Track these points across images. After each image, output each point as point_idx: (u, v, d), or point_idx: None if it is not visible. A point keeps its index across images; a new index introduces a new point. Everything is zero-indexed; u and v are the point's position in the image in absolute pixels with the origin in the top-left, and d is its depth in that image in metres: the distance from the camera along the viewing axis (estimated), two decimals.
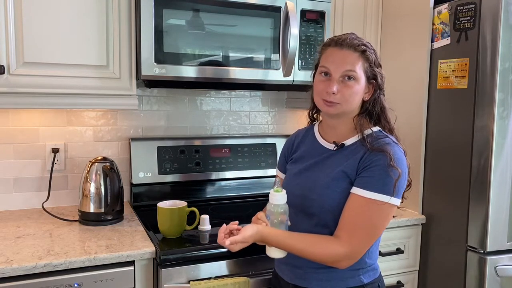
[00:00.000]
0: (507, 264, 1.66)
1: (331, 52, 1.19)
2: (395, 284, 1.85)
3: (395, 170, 1.10)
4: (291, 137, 1.41)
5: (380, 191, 1.11)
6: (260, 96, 2.20)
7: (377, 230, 1.15)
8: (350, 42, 1.17)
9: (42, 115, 1.82)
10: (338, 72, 1.16)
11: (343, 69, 1.15)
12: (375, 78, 1.19)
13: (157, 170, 1.91)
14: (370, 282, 1.21)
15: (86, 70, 1.56)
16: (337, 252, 1.12)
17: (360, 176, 1.14)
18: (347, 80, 1.16)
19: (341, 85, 1.16)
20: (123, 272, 1.36)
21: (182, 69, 1.60)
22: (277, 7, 1.71)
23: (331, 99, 1.16)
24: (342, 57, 1.16)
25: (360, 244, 1.13)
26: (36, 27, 1.48)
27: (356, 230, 1.12)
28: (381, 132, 1.20)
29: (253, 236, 1.12)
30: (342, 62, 1.16)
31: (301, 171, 1.27)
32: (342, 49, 1.17)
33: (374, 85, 1.20)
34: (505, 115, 1.60)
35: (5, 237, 1.46)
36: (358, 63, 1.16)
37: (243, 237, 1.10)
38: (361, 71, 1.16)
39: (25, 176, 1.81)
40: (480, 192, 1.64)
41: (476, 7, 1.63)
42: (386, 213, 1.13)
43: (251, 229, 1.12)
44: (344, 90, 1.16)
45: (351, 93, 1.16)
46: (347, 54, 1.16)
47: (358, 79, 1.16)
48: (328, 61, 1.18)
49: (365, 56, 1.17)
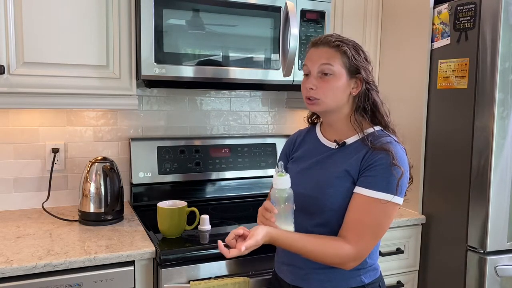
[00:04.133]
0: (507, 264, 1.66)
1: (310, 53, 1.23)
2: (395, 284, 1.85)
3: (398, 168, 1.10)
4: (293, 136, 1.41)
5: (384, 190, 1.11)
6: (260, 96, 2.20)
7: (382, 229, 1.15)
8: (325, 40, 1.20)
9: (42, 115, 1.82)
10: (314, 68, 1.19)
11: (319, 64, 1.18)
12: (358, 71, 1.18)
13: (157, 170, 1.91)
14: (371, 282, 1.21)
15: (86, 70, 1.56)
16: (346, 253, 1.11)
17: (363, 175, 1.14)
18: (324, 76, 1.18)
19: (319, 80, 1.18)
20: (123, 272, 1.36)
21: (182, 69, 1.60)
22: (277, 7, 1.71)
23: (310, 94, 1.19)
24: (318, 54, 1.20)
25: (367, 244, 1.13)
26: (36, 27, 1.48)
27: (363, 230, 1.12)
28: (382, 131, 1.20)
29: (263, 238, 1.10)
30: (318, 58, 1.19)
31: (303, 170, 1.26)
32: (318, 48, 1.20)
33: (360, 79, 1.19)
34: (505, 115, 1.60)
35: (5, 237, 1.46)
36: (335, 58, 1.17)
37: (256, 241, 1.08)
38: (339, 65, 1.17)
39: (25, 176, 1.81)
40: (480, 192, 1.64)
41: (476, 7, 1.63)
42: (390, 212, 1.13)
43: (262, 231, 1.09)
44: (322, 85, 1.18)
45: (330, 87, 1.17)
46: (322, 51, 1.19)
47: (336, 74, 1.17)
48: (307, 59, 1.23)
49: (342, 50, 1.17)
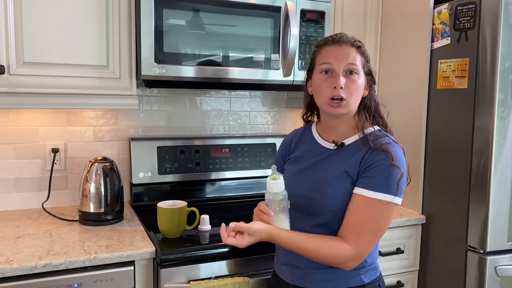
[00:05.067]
0: (507, 264, 1.66)
1: (331, 50, 1.19)
2: (395, 284, 1.85)
3: (397, 169, 1.11)
4: (288, 137, 1.40)
5: (384, 191, 1.11)
6: (260, 96, 2.20)
7: (381, 229, 1.15)
8: (347, 38, 1.20)
9: (42, 115, 1.82)
10: (341, 66, 1.16)
11: (346, 62, 1.16)
12: (370, 73, 1.21)
13: (157, 170, 1.91)
14: (371, 281, 1.21)
15: (86, 70, 1.56)
16: (345, 253, 1.12)
17: (363, 176, 1.14)
18: (350, 75, 1.16)
19: (346, 79, 1.16)
20: (123, 272, 1.36)
21: (182, 69, 1.60)
22: (277, 7, 1.71)
23: (340, 94, 1.15)
24: (343, 52, 1.17)
25: (367, 244, 1.13)
26: (36, 27, 1.48)
27: (363, 230, 1.12)
28: (380, 131, 1.21)
29: (262, 232, 1.10)
30: (344, 56, 1.17)
31: (301, 171, 1.26)
32: (341, 45, 1.18)
33: (369, 81, 1.22)
34: (505, 115, 1.60)
35: (5, 237, 1.46)
36: (357, 58, 1.18)
37: (249, 227, 1.08)
38: (360, 65, 1.18)
39: (25, 176, 1.81)
40: (480, 192, 1.64)
41: (476, 7, 1.63)
42: (389, 213, 1.14)
43: (261, 225, 1.11)
44: (350, 84, 1.16)
45: (356, 87, 1.17)
46: (347, 49, 1.18)
47: (359, 73, 1.18)
48: (330, 57, 1.18)
49: (362, 51, 1.19)
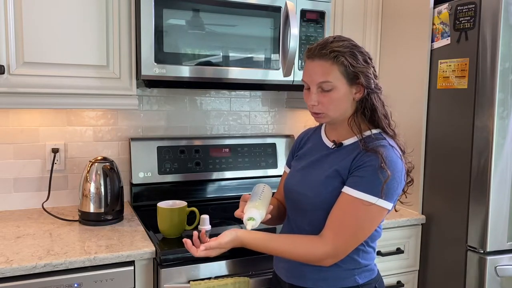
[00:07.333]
0: (507, 264, 1.66)
1: (307, 65, 1.19)
2: (395, 284, 1.85)
3: (385, 172, 1.09)
4: (301, 134, 1.42)
5: (368, 191, 1.10)
6: (260, 96, 2.20)
7: (362, 231, 1.14)
8: (319, 52, 1.15)
9: (42, 115, 1.82)
10: (313, 85, 1.17)
11: (316, 82, 1.15)
12: (358, 77, 1.14)
13: (157, 170, 1.91)
14: (366, 282, 1.21)
15: (86, 70, 1.56)
16: (319, 251, 1.12)
17: (352, 175, 1.14)
18: (324, 92, 1.16)
19: (320, 96, 1.16)
20: (123, 272, 1.36)
21: (182, 69, 1.60)
22: (277, 7, 1.71)
23: (314, 110, 1.18)
24: (314, 70, 1.16)
25: (344, 243, 1.13)
26: (36, 27, 1.48)
27: (341, 228, 1.12)
28: (381, 134, 1.19)
29: (231, 242, 1.14)
30: (314, 74, 1.16)
31: (302, 168, 1.28)
32: (314, 61, 1.16)
33: (362, 83, 1.16)
34: (505, 115, 1.60)
35: (5, 237, 1.46)
36: (331, 72, 1.14)
37: (219, 243, 1.12)
38: (337, 77, 1.14)
39: (25, 176, 1.81)
40: (480, 192, 1.64)
41: (476, 7, 1.63)
42: (373, 215, 1.13)
43: (230, 234, 1.14)
44: (323, 100, 1.16)
45: (331, 101, 1.16)
46: (317, 66, 1.15)
47: (335, 87, 1.14)
48: (305, 74, 1.20)
49: (339, 62, 1.13)
